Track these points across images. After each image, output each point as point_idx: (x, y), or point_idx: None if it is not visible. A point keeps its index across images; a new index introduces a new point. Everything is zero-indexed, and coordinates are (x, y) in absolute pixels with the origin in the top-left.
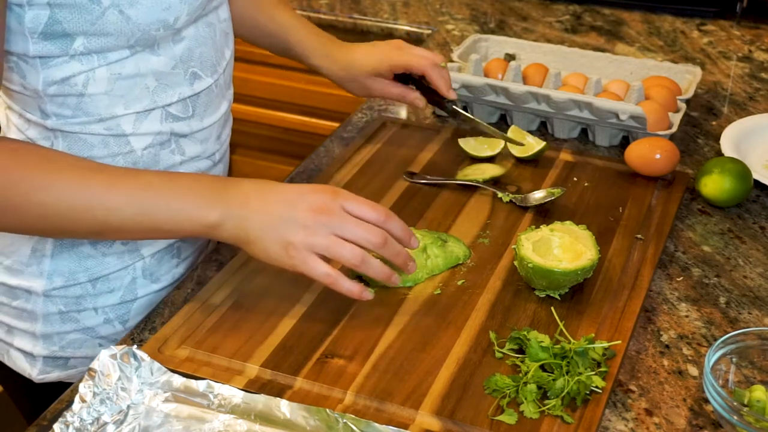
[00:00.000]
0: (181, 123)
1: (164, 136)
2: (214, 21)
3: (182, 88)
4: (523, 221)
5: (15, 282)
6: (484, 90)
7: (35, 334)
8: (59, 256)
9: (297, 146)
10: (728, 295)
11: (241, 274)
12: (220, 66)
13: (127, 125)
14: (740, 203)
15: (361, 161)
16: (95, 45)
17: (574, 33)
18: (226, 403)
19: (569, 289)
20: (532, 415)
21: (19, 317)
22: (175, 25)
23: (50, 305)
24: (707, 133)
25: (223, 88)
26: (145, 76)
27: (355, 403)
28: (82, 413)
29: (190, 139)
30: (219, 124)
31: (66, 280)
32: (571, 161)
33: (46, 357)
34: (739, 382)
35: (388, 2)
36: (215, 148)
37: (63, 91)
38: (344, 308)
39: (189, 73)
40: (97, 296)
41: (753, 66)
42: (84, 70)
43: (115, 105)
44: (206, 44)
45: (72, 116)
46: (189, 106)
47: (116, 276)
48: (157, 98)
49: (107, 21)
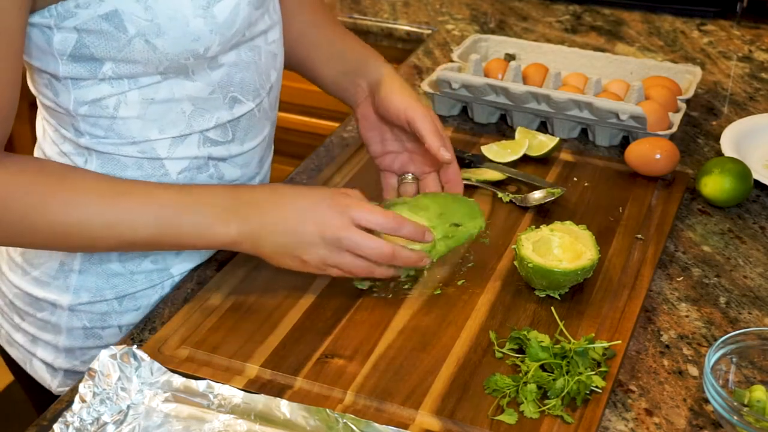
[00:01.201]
0: (220, 147)
1: (201, 160)
2: (260, 44)
3: (221, 113)
4: (523, 221)
5: (41, 294)
6: (484, 90)
7: (58, 347)
8: (87, 272)
9: (297, 146)
10: (728, 295)
11: (241, 274)
12: (264, 89)
13: (161, 149)
14: (740, 203)
15: (361, 161)
16: (124, 71)
17: (574, 33)
18: (226, 403)
19: (569, 289)
20: (532, 415)
21: (43, 329)
22: (206, 54)
23: (75, 320)
24: (707, 133)
25: (267, 111)
26: (180, 102)
27: (355, 403)
28: (82, 413)
29: (229, 164)
30: (261, 147)
31: (92, 296)
32: (571, 161)
33: (66, 370)
34: (739, 382)
35: (388, 2)
36: (255, 171)
37: (94, 113)
38: (344, 308)
39: (228, 98)
40: (123, 314)
41: (753, 66)
42: (115, 93)
43: (149, 129)
44: (248, 69)
45: (105, 137)
46: (228, 130)
47: (143, 294)
48: (194, 123)
49: (134, 49)
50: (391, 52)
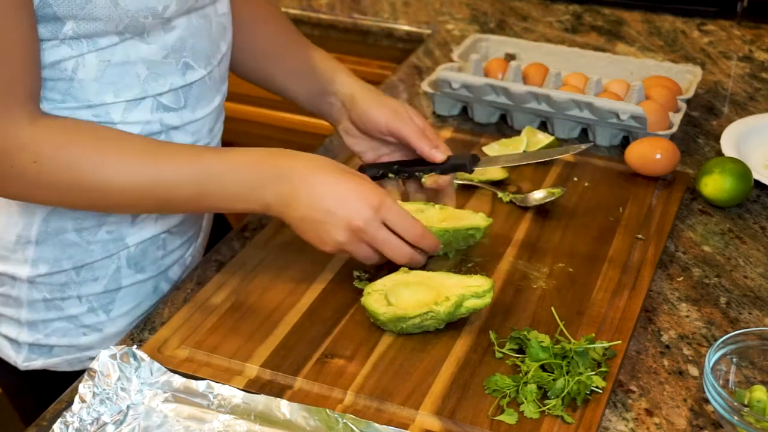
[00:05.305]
0: (172, 114)
1: (154, 126)
2: (210, 14)
3: (174, 78)
4: (523, 221)
5: (0, 268)
6: (484, 90)
7: (20, 321)
8: (44, 243)
9: (297, 146)
10: (728, 295)
11: (240, 274)
12: (215, 58)
13: (116, 114)
14: (740, 203)
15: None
16: (84, 30)
17: (575, 33)
18: (226, 404)
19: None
20: (532, 415)
21: (4, 304)
22: (164, 14)
23: (35, 292)
24: (707, 133)
25: (217, 81)
26: (135, 64)
27: (355, 403)
28: (82, 413)
29: (180, 131)
30: (211, 117)
31: (50, 267)
32: (571, 161)
33: (31, 344)
34: (740, 382)
35: (388, 2)
36: (206, 141)
37: (52, 76)
38: (344, 308)
39: (181, 63)
40: (81, 284)
41: (753, 66)
42: (73, 55)
43: (105, 92)
44: (200, 35)
45: (61, 101)
46: (181, 96)
47: (100, 264)
48: (148, 87)
49: (96, 5)
50: (391, 52)
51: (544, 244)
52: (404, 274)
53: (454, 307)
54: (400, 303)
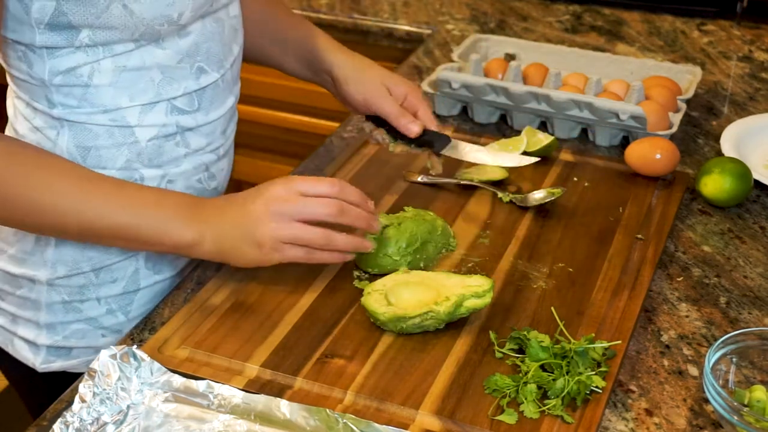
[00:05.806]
0: (187, 116)
1: (169, 128)
2: (223, 17)
3: (188, 82)
4: (523, 221)
5: (19, 271)
6: (484, 90)
7: (39, 324)
8: (63, 245)
9: (297, 146)
10: (728, 295)
11: (240, 274)
12: (227, 61)
13: (131, 117)
14: (740, 203)
15: (361, 161)
16: (100, 38)
17: (574, 33)
18: (226, 404)
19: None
20: (532, 415)
21: (23, 306)
22: (179, 21)
23: (54, 294)
24: (707, 133)
25: (230, 83)
26: (150, 69)
27: (355, 403)
28: (82, 413)
29: (195, 133)
30: (225, 118)
31: (69, 269)
32: (571, 161)
33: (49, 347)
34: (740, 382)
35: (388, 2)
36: (220, 142)
37: (68, 82)
38: (344, 308)
39: (195, 67)
40: (100, 286)
41: (753, 66)
42: (89, 62)
43: (120, 97)
44: (213, 40)
45: (77, 106)
46: (195, 99)
47: (119, 266)
48: (162, 91)
49: (111, 14)
50: (391, 52)
51: (544, 244)
52: (404, 274)
53: (454, 307)
54: (400, 303)
